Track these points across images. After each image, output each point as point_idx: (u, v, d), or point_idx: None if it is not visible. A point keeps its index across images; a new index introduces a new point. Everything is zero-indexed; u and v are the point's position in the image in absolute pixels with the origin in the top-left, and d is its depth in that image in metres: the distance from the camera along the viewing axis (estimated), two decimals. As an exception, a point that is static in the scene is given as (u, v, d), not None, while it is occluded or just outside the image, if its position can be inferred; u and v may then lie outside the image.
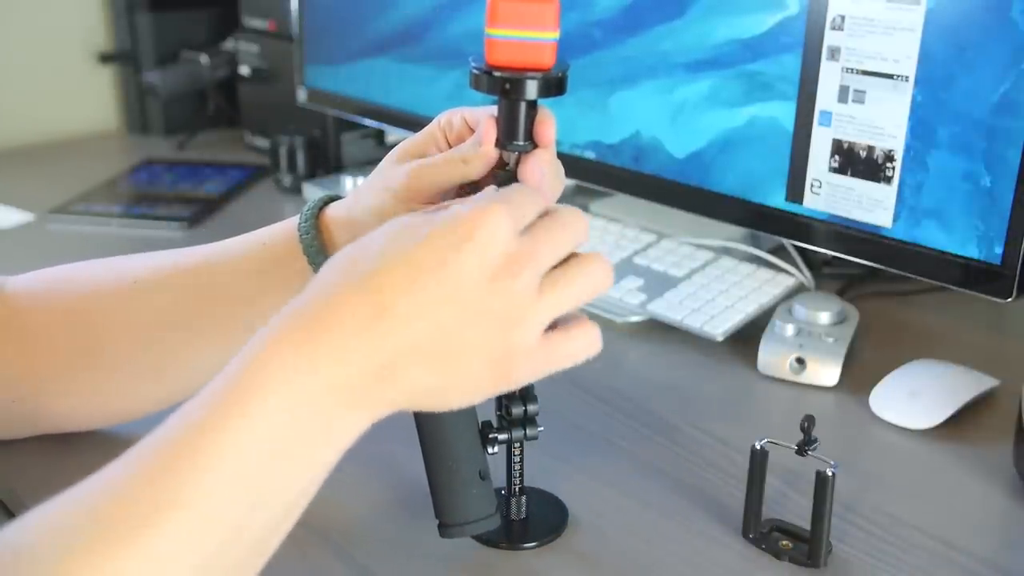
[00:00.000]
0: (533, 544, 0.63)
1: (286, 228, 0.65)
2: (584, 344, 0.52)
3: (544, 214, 0.52)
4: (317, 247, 0.63)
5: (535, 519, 0.65)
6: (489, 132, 0.58)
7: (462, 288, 0.47)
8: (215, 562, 0.43)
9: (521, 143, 0.57)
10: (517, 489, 0.64)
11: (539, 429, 0.62)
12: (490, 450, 0.62)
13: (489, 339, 0.48)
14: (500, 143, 0.58)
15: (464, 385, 0.49)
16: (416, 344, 0.47)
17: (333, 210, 0.65)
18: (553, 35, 0.55)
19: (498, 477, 0.64)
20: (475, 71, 0.56)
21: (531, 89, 0.55)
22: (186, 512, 0.42)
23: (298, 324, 0.46)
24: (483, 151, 0.58)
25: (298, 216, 0.65)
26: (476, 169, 0.59)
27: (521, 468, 0.64)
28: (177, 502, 0.42)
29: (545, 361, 0.51)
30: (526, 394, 0.62)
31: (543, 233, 0.50)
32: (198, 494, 0.42)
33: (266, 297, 0.65)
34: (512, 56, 0.55)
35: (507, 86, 0.55)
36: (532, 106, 0.57)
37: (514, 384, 0.50)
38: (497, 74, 0.55)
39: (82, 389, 0.67)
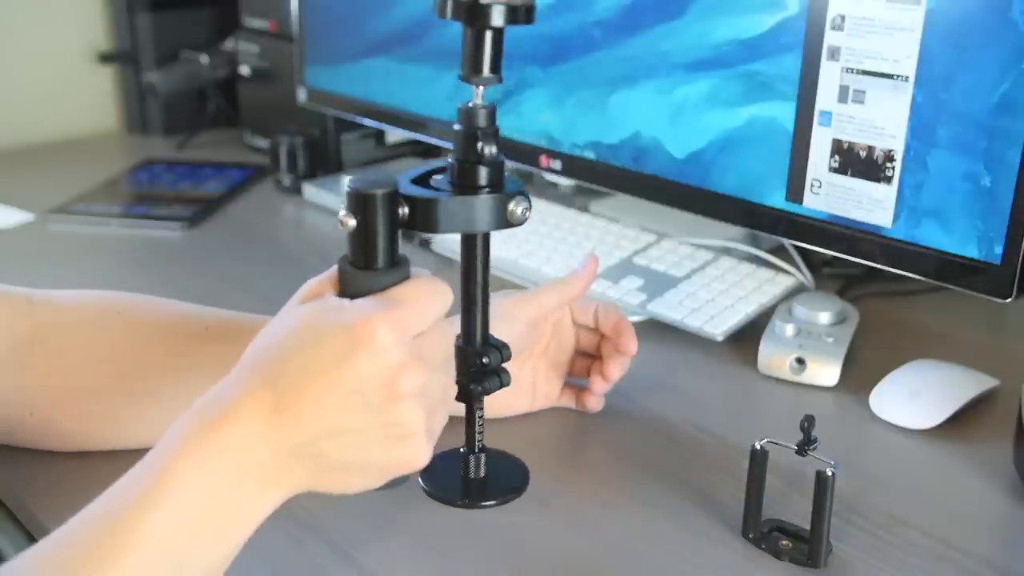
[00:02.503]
0: (492, 503, 0.64)
1: None
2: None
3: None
4: None
5: (493, 479, 0.67)
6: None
7: (355, 390, 0.50)
8: None
9: (486, 75, 0.56)
10: (479, 448, 0.65)
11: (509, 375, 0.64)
12: (479, 413, 0.64)
13: (382, 428, 0.51)
14: (464, 78, 0.57)
15: (368, 466, 0.53)
16: (315, 435, 0.50)
17: None
18: None
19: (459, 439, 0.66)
20: None
21: (498, 15, 0.54)
22: None
23: (207, 417, 0.49)
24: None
25: None
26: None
27: (483, 425, 0.65)
28: None
29: (437, 420, 0.55)
30: (498, 342, 0.63)
31: (431, 338, 0.53)
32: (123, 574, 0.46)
33: None
34: None
35: (474, 11, 0.54)
36: (499, 35, 0.55)
37: (420, 459, 0.53)
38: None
39: (104, 414, 0.67)
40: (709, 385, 0.83)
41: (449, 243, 1.04)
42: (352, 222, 0.52)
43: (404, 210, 0.55)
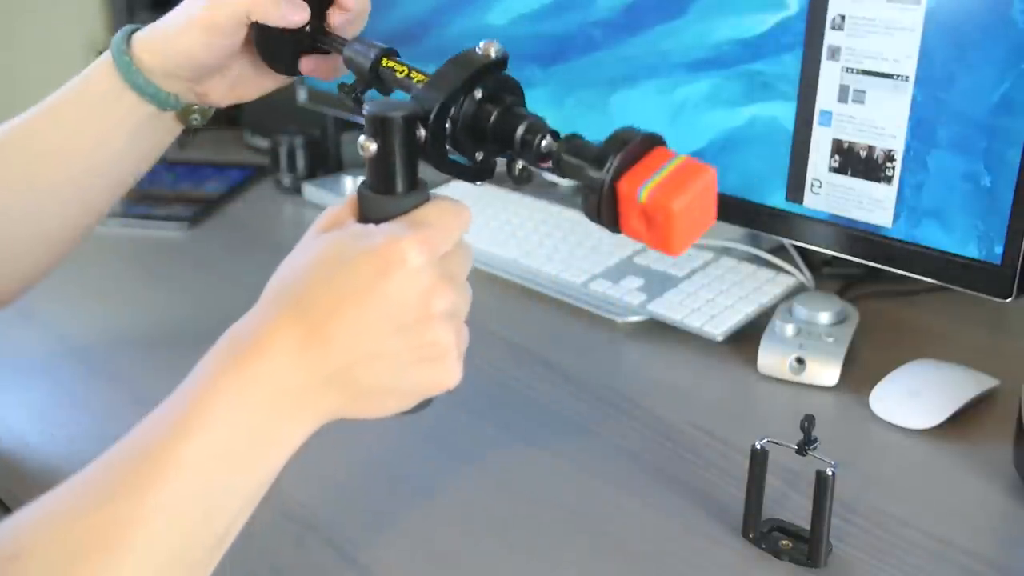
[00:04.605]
0: None
1: (102, 62, 0.70)
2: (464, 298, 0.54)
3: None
4: (135, 68, 0.69)
5: None
6: None
7: (387, 313, 0.49)
8: (176, 565, 0.46)
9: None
10: None
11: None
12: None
13: (416, 350, 0.51)
14: None
15: (402, 389, 0.52)
16: (349, 361, 0.49)
17: (142, 34, 0.70)
18: None
19: None
20: None
21: None
22: (145, 527, 0.45)
23: (236, 350, 0.49)
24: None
25: (110, 48, 0.69)
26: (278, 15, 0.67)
27: None
28: (135, 519, 0.45)
29: (463, 340, 0.54)
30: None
31: (455, 258, 0.53)
32: (156, 511, 0.45)
33: (102, 149, 0.69)
34: None
35: None
36: None
37: (453, 378, 0.53)
38: None
39: None
40: (709, 385, 0.83)
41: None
42: (373, 146, 0.53)
43: (422, 132, 0.55)
